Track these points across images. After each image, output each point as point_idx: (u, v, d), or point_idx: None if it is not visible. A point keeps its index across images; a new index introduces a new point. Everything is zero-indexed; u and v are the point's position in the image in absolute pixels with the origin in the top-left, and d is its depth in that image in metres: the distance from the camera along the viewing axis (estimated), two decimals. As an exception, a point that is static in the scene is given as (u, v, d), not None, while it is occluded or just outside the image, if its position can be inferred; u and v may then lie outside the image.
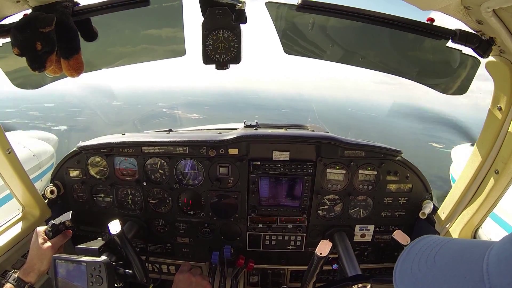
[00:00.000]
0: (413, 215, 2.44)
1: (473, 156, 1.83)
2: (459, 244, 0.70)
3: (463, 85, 1.69)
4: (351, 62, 1.78)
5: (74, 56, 1.36)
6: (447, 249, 0.70)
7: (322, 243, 1.87)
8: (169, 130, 2.86)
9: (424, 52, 1.68)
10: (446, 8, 1.21)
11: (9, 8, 1.26)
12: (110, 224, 1.68)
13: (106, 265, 1.56)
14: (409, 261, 0.73)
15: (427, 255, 0.70)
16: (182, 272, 1.97)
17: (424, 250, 0.72)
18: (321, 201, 2.46)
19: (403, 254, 0.76)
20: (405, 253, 0.76)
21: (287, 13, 1.56)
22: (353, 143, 2.32)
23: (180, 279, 1.92)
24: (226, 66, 1.41)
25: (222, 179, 2.42)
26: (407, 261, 0.73)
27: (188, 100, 74.13)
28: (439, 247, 0.71)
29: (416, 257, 0.72)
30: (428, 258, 0.69)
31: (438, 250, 0.70)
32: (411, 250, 0.76)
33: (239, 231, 2.57)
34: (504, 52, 1.39)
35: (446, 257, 0.67)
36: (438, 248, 0.71)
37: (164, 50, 1.76)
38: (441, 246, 0.71)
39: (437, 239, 0.75)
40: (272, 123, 2.81)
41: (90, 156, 2.43)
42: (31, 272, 1.68)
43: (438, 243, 0.73)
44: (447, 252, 0.68)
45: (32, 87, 1.82)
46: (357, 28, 1.55)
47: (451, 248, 0.69)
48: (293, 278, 2.71)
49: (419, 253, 0.73)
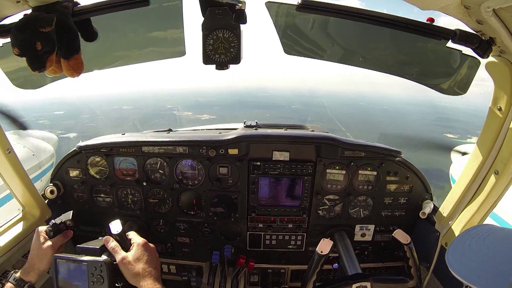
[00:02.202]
0: (413, 215, 2.45)
1: (473, 156, 1.83)
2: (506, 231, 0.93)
3: (463, 85, 1.69)
4: (351, 62, 1.78)
5: (74, 56, 1.36)
6: (496, 232, 0.92)
7: (323, 242, 1.87)
8: (169, 130, 2.86)
9: (424, 52, 1.68)
10: (446, 8, 1.21)
11: (9, 8, 1.26)
12: (111, 224, 1.67)
13: (107, 264, 1.56)
14: (461, 243, 0.94)
15: (477, 237, 0.91)
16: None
17: (476, 234, 0.94)
18: (321, 201, 2.46)
19: (456, 240, 0.99)
20: (457, 239, 0.98)
21: (287, 13, 1.56)
22: (353, 143, 2.32)
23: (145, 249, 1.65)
24: (226, 66, 1.41)
25: (222, 179, 2.42)
26: (459, 243, 0.94)
27: (198, 101, 74.06)
28: (489, 232, 0.93)
29: (467, 239, 0.93)
30: (478, 239, 0.90)
31: (488, 234, 0.92)
32: (463, 236, 0.97)
33: (240, 231, 2.57)
34: (504, 52, 1.39)
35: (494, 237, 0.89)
36: (489, 233, 0.93)
37: (164, 50, 1.76)
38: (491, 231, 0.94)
39: (486, 226, 0.98)
40: (272, 123, 2.80)
41: (90, 156, 2.43)
42: (31, 272, 1.68)
43: (489, 229, 0.95)
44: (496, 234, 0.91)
45: (32, 87, 1.82)
46: (357, 28, 1.55)
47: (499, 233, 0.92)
48: (293, 277, 2.71)
49: (470, 236, 0.94)
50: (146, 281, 1.53)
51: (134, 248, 1.64)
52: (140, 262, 1.58)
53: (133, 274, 1.55)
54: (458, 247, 0.94)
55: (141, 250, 1.63)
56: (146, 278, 1.54)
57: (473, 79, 1.63)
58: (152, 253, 1.66)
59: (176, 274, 2.71)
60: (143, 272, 1.55)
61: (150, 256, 1.63)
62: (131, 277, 1.56)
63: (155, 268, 1.61)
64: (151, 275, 1.56)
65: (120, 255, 1.60)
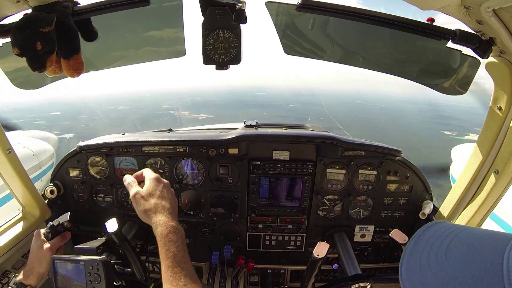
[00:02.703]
0: (413, 215, 2.44)
1: (473, 156, 1.83)
2: (474, 235, 0.61)
3: (463, 85, 1.69)
4: (351, 62, 1.78)
5: (74, 56, 1.36)
6: (460, 241, 0.61)
7: (320, 245, 1.87)
8: (169, 130, 2.86)
9: (424, 52, 1.68)
10: (446, 8, 1.21)
11: (9, 8, 1.26)
12: (107, 223, 1.67)
13: (103, 263, 1.56)
14: (418, 254, 0.63)
15: (437, 247, 0.61)
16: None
17: (434, 241, 0.63)
18: (321, 202, 2.46)
19: (410, 244, 0.67)
20: (412, 243, 0.67)
21: (287, 13, 1.56)
22: (353, 143, 2.32)
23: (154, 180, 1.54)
24: (226, 66, 1.41)
25: (222, 179, 2.42)
26: (415, 254, 0.64)
27: (195, 101, 73.92)
28: (450, 238, 0.62)
29: (426, 248, 0.63)
30: (438, 252, 0.60)
31: (450, 242, 0.61)
32: (419, 240, 0.67)
33: (239, 231, 2.57)
34: (504, 52, 1.39)
35: (459, 252, 0.57)
36: (450, 239, 0.62)
37: (164, 50, 1.76)
38: (453, 236, 0.62)
39: (447, 228, 0.66)
40: (272, 122, 2.81)
41: (90, 156, 2.43)
42: (31, 275, 1.69)
43: (449, 233, 0.64)
44: (461, 246, 0.59)
45: (32, 87, 1.82)
46: (357, 28, 1.55)
47: (465, 241, 0.60)
48: (293, 277, 2.71)
49: (428, 243, 0.64)
50: (158, 216, 1.40)
51: (146, 183, 1.51)
52: (153, 197, 1.46)
53: (145, 210, 1.43)
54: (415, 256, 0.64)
55: (154, 184, 1.50)
56: (158, 214, 1.41)
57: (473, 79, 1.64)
58: (166, 188, 1.53)
59: None
60: (155, 207, 1.43)
61: (164, 190, 1.50)
62: (142, 213, 1.44)
63: (170, 203, 1.48)
64: (165, 209, 1.43)
65: (133, 190, 1.49)
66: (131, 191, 1.49)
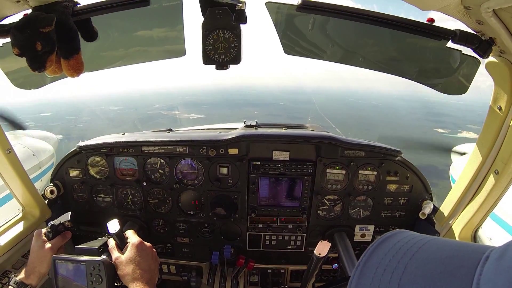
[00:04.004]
0: (413, 215, 2.45)
1: (473, 156, 1.83)
2: (437, 253, 0.47)
3: (463, 85, 1.69)
4: (351, 62, 1.78)
5: (74, 56, 1.36)
6: (418, 262, 0.47)
7: (321, 244, 1.87)
8: (169, 130, 2.86)
9: (424, 52, 1.68)
10: (446, 8, 1.21)
11: (9, 8, 1.26)
12: (108, 223, 1.68)
13: (105, 264, 1.56)
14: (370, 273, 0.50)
15: (392, 269, 0.48)
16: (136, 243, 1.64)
17: (391, 259, 0.50)
18: (321, 202, 2.46)
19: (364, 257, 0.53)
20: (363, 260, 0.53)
21: (287, 13, 1.56)
22: (353, 143, 2.32)
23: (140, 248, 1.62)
24: (226, 66, 1.41)
25: (222, 179, 2.42)
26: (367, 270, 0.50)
27: (186, 100, 74.01)
28: (408, 257, 0.48)
29: (380, 267, 0.49)
30: (392, 277, 0.47)
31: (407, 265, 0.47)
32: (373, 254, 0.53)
33: (239, 231, 2.57)
34: (504, 52, 1.39)
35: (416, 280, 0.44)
36: (408, 259, 0.48)
37: (164, 50, 1.76)
38: (411, 256, 0.48)
39: (406, 241, 0.52)
40: (272, 122, 2.81)
41: (90, 156, 2.43)
42: (31, 275, 1.69)
43: (407, 249, 0.50)
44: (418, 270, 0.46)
45: (32, 87, 1.82)
46: (357, 28, 1.55)
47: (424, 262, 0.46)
48: (293, 277, 2.71)
49: (384, 260, 0.50)
50: (135, 284, 1.50)
51: (128, 248, 1.62)
52: (131, 264, 1.55)
53: (124, 275, 1.54)
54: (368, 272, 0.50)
55: (134, 251, 1.60)
56: (136, 281, 1.51)
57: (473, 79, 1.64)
58: (146, 255, 1.61)
59: (176, 274, 2.71)
60: (133, 274, 1.52)
61: (143, 258, 1.59)
62: (122, 278, 1.55)
63: (148, 271, 1.57)
64: (142, 278, 1.52)
65: (114, 255, 1.60)
66: (113, 256, 1.61)
